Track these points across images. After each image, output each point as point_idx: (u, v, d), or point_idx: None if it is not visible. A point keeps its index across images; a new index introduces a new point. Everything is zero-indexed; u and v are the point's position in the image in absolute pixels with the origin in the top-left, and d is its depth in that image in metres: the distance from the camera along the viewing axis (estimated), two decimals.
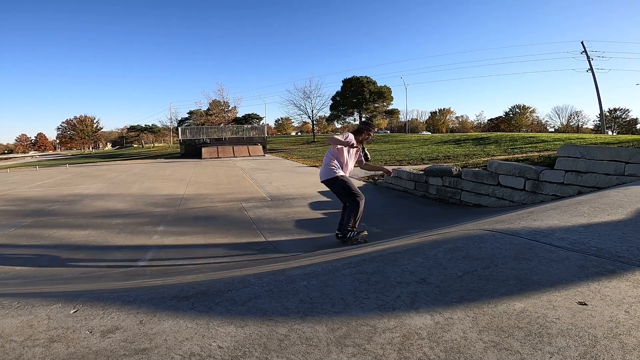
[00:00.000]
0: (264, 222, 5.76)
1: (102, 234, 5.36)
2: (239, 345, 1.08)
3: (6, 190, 10.75)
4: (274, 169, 14.54)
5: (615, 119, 58.69)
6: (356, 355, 1.02)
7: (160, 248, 4.59)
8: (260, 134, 30.50)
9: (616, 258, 1.68)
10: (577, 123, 62.73)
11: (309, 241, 4.70)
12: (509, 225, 2.39)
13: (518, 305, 1.28)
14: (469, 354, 1.01)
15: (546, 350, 1.02)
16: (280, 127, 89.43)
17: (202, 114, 46.04)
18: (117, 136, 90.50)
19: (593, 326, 1.12)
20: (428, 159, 13.69)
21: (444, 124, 78.86)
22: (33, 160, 42.81)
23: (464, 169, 6.91)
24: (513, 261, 1.70)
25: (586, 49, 33.38)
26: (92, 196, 9.05)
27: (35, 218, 6.55)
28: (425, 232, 3.54)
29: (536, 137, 16.56)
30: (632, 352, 1.00)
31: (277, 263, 3.26)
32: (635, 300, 1.28)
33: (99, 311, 1.35)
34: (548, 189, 5.36)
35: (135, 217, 6.50)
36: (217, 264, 3.82)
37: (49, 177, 14.93)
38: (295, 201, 7.48)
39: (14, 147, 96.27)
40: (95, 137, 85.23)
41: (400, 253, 1.98)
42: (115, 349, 1.07)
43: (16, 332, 1.20)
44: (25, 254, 4.50)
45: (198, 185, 10.54)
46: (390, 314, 1.25)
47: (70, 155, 50.80)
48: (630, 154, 4.58)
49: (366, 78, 34.86)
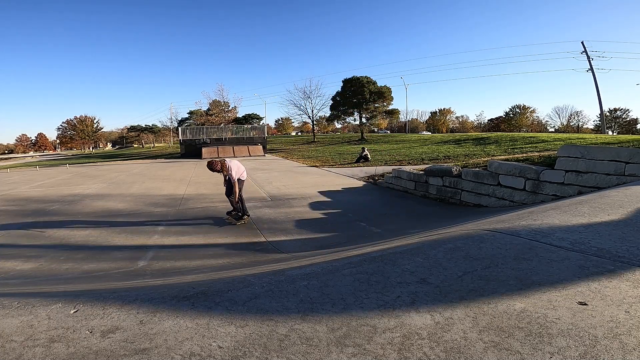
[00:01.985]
0: (264, 222, 5.76)
1: (102, 234, 5.36)
2: (239, 345, 1.08)
3: (6, 190, 10.76)
4: (274, 169, 14.54)
5: (616, 119, 58.66)
6: (356, 355, 1.02)
7: (160, 248, 4.59)
8: (261, 134, 30.52)
9: (616, 258, 1.68)
10: (577, 123, 62.70)
11: (309, 241, 4.70)
12: (509, 225, 2.39)
13: (518, 305, 1.28)
14: (469, 354, 1.01)
15: (546, 350, 1.02)
16: (280, 127, 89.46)
17: (202, 114, 46.03)
18: (117, 136, 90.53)
19: (593, 326, 1.12)
20: (428, 159, 13.70)
21: (444, 124, 78.86)
22: (33, 160, 42.84)
23: (464, 169, 6.92)
24: (513, 261, 1.70)
25: (586, 49, 33.38)
26: (93, 196, 9.05)
27: (35, 218, 6.56)
28: (425, 232, 3.54)
29: (536, 137, 16.56)
30: (633, 352, 1.00)
31: (277, 263, 3.27)
32: (635, 300, 1.28)
33: (99, 311, 1.35)
34: (548, 189, 5.36)
35: (135, 217, 6.50)
36: (217, 264, 3.82)
37: (49, 177, 14.94)
38: (295, 201, 7.48)
39: (14, 147, 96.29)
40: (95, 137, 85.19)
41: (400, 253, 1.98)
42: (115, 349, 1.07)
43: (16, 332, 1.20)
44: (25, 254, 4.50)
45: (198, 185, 10.55)
46: (390, 314, 1.25)
47: (71, 155, 50.83)
48: (630, 154, 4.58)
49: (366, 78, 34.84)
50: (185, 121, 52.22)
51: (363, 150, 15.66)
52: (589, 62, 33.12)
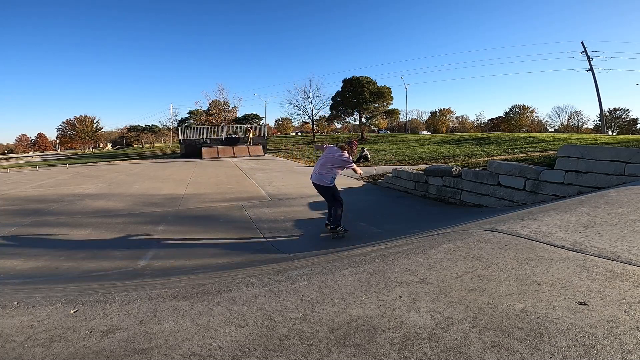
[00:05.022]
0: (264, 222, 5.76)
1: (102, 234, 5.36)
2: (239, 345, 1.08)
3: (6, 190, 10.75)
4: (274, 169, 14.54)
5: (615, 119, 58.63)
6: (356, 355, 1.02)
7: (160, 248, 4.59)
8: (261, 134, 30.55)
9: (616, 258, 1.68)
10: (577, 123, 62.67)
11: (309, 241, 4.71)
12: (509, 225, 2.39)
13: (518, 305, 1.28)
14: (469, 354, 1.01)
15: (546, 350, 1.02)
16: (280, 127, 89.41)
17: (202, 114, 46.03)
18: (117, 136, 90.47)
19: (593, 326, 1.12)
20: (428, 159, 13.70)
21: (444, 124, 78.84)
22: (33, 160, 42.81)
23: (464, 169, 6.92)
24: (513, 261, 1.70)
25: (586, 49, 33.38)
26: (92, 196, 9.05)
27: (35, 218, 6.55)
28: (425, 232, 3.54)
29: (536, 137, 16.56)
30: (632, 352, 1.00)
31: (277, 263, 3.27)
32: (635, 300, 1.28)
33: (99, 311, 1.35)
34: (548, 189, 5.36)
35: (135, 217, 6.50)
36: (217, 264, 3.82)
37: (49, 177, 14.93)
38: (295, 201, 7.48)
39: (14, 147, 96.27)
40: (95, 137, 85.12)
41: (400, 253, 1.98)
42: (115, 349, 1.07)
43: (16, 332, 1.20)
44: (25, 253, 4.49)
45: (198, 185, 10.55)
46: (390, 314, 1.25)
47: (70, 155, 50.81)
48: (630, 154, 4.58)
49: (366, 78, 34.84)
50: (185, 121, 52.15)
51: (363, 150, 15.52)
52: (589, 62, 33.13)
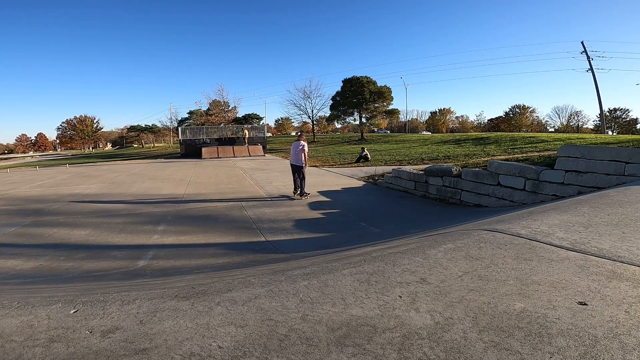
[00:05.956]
0: (264, 222, 5.76)
1: (102, 234, 5.36)
2: (239, 345, 1.08)
3: (6, 190, 10.75)
4: (274, 169, 14.53)
5: (616, 119, 58.64)
6: (356, 355, 1.02)
7: (160, 248, 4.59)
8: (261, 134, 30.58)
9: (616, 258, 1.68)
10: (577, 123, 62.66)
11: (309, 241, 4.71)
12: (509, 225, 2.39)
13: (518, 305, 1.28)
14: (469, 354, 1.01)
15: (546, 350, 1.02)
16: (280, 127, 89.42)
17: (202, 114, 46.01)
18: (117, 136, 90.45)
19: (593, 326, 1.12)
20: (428, 159, 13.69)
21: (444, 124, 78.83)
22: (33, 160, 42.81)
23: (464, 169, 6.92)
24: (513, 261, 1.70)
25: (586, 49, 33.37)
26: (92, 196, 9.05)
27: (35, 218, 6.55)
28: (425, 232, 3.54)
29: (536, 137, 16.55)
30: (632, 352, 1.00)
31: (277, 263, 3.27)
32: (635, 300, 1.28)
33: (99, 311, 1.35)
34: (548, 189, 5.36)
35: (135, 217, 6.50)
36: (217, 264, 3.82)
37: (49, 177, 14.93)
38: (295, 201, 7.49)
39: (14, 147, 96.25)
40: (95, 137, 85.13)
41: (401, 253, 1.98)
42: (115, 349, 1.07)
43: (16, 332, 1.20)
44: (25, 253, 4.49)
45: (198, 185, 10.55)
46: (390, 314, 1.25)
47: (70, 155, 50.81)
48: (630, 154, 4.58)
49: (366, 78, 34.84)
50: (185, 121, 52.13)
51: (363, 150, 15.65)
52: (589, 62, 33.13)
